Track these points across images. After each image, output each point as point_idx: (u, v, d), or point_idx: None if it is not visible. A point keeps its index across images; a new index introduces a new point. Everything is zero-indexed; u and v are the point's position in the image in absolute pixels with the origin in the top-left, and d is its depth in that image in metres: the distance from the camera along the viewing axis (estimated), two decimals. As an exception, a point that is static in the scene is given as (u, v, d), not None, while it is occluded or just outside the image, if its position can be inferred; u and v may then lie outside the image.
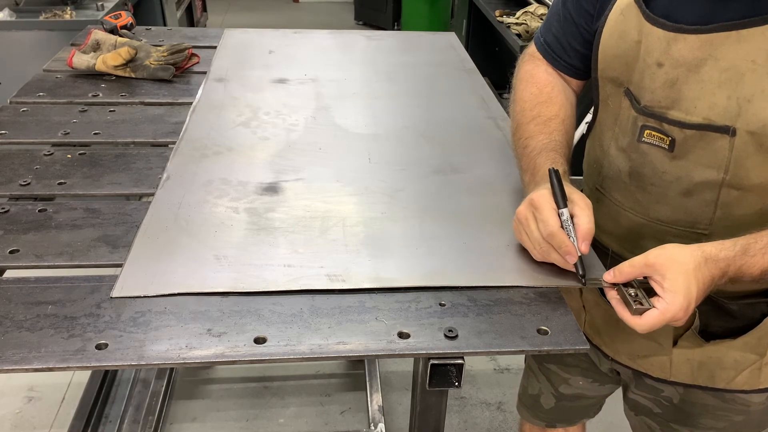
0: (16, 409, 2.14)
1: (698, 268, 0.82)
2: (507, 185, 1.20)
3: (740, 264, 0.84)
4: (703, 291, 0.83)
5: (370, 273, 0.95)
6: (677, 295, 0.81)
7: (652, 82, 0.94)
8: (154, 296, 0.89)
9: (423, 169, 1.26)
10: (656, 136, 0.95)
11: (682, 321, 0.83)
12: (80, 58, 1.63)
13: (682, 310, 0.81)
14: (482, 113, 1.51)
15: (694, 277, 0.82)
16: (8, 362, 0.78)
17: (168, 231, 1.03)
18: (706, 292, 0.84)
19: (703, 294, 0.83)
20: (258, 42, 1.95)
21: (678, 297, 0.81)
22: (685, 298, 0.81)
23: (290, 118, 1.46)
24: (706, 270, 0.83)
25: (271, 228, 1.05)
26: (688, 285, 0.81)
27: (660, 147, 0.95)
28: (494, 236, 1.04)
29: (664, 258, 0.83)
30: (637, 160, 1.00)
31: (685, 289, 0.81)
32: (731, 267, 0.84)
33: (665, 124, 0.94)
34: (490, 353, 0.85)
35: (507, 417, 2.19)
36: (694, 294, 0.81)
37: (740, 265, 0.84)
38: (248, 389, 2.25)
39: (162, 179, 1.18)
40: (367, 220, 1.09)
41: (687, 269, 0.82)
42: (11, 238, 1.01)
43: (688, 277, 0.81)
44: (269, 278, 0.93)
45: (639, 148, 0.99)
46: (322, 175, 1.23)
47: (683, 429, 1.16)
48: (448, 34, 2.09)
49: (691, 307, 0.82)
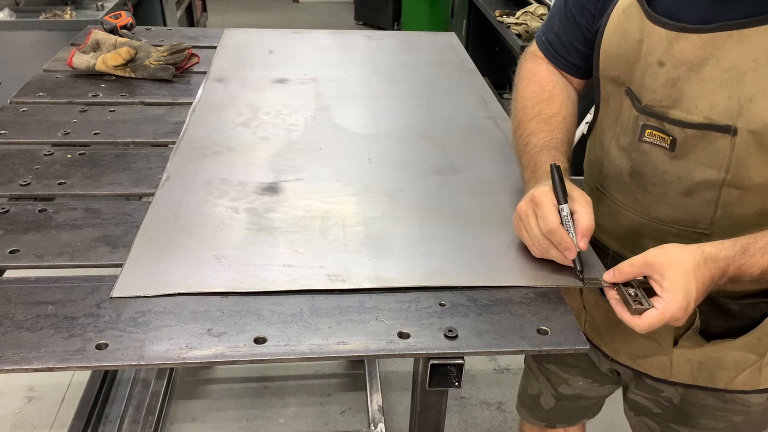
0: (16, 409, 2.14)
1: (698, 268, 0.82)
2: (507, 185, 1.20)
3: (740, 264, 0.84)
4: (703, 291, 0.83)
5: (370, 273, 0.95)
6: (676, 295, 0.81)
7: (653, 81, 0.94)
8: (154, 296, 0.89)
9: (423, 169, 1.26)
10: (657, 135, 0.95)
11: (681, 321, 0.83)
12: (80, 58, 1.63)
13: (682, 310, 0.81)
14: (482, 113, 1.51)
15: (693, 276, 0.82)
16: (8, 362, 0.78)
17: (168, 231, 1.03)
18: (705, 291, 0.84)
19: (702, 294, 0.83)
20: (258, 42, 1.95)
21: (677, 297, 0.81)
22: (685, 298, 0.81)
23: (290, 118, 1.46)
24: (705, 270, 0.83)
25: (271, 228, 1.05)
26: (687, 285, 0.81)
27: (661, 146, 0.95)
28: (494, 236, 1.04)
29: (663, 257, 0.83)
30: (637, 160, 1.00)
31: (684, 288, 0.81)
32: (731, 267, 0.84)
33: (666, 123, 0.94)
34: (490, 353, 0.85)
35: (507, 417, 2.19)
36: (694, 294, 0.81)
37: (740, 264, 0.84)
38: (248, 389, 2.25)
39: (162, 179, 1.18)
40: (367, 220, 1.09)
41: (686, 269, 0.82)
42: (11, 238, 1.01)
43: (687, 276, 0.81)
44: (269, 278, 0.93)
45: (640, 147, 0.99)
46: (322, 175, 1.23)
47: (683, 429, 1.16)
48: (448, 34, 2.09)
49: (691, 306, 0.82)
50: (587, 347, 0.84)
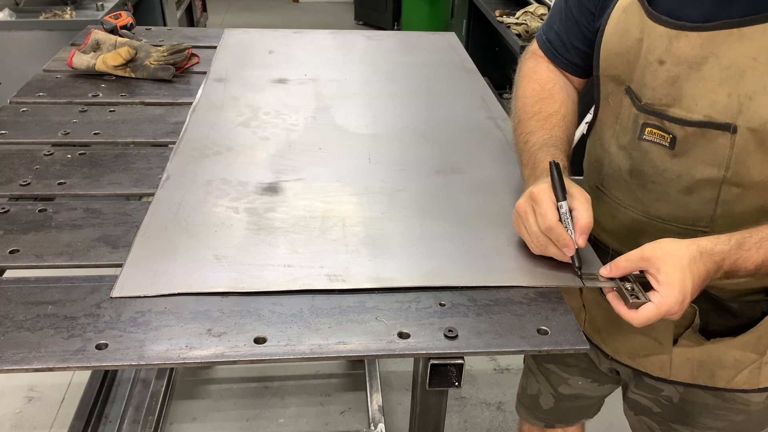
0: (16, 409, 2.14)
1: (693, 262, 0.82)
2: (508, 185, 1.20)
3: (735, 258, 0.84)
4: (699, 285, 0.83)
5: (370, 273, 0.95)
6: (672, 289, 0.81)
7: (653, 79, 0.94)
8: (154, 296, 0.89)
9: (423, 169, 1.26)
10: (657, 134, 0.95)
11: (677, 315, 0.83)
12: (80, 58, 1.63)
13: (678, 304, 0.81)
14: (482, 113, 1.51)
15: (689, 270, 0.82)
16: (8, 362, 0.78)
17: (168, 231, 1.03)
18: (701, 286, 0.84)
19: (698, 288, 0.83)
20: (258, 42, 1.95)
21: (673, 290, 0.81)
22: (680, 292, 0.81)
23: (290, 118, 1.46)
24: (701, 264, 0.83)
25: (271, 228, 1.05)
26: (683, 278, 0.81)
27: (661, 145, 0.95)
28: (495, 236, 1.04)
29: (659, 252, 0.83)
30: (637, 158, 1.00)
31: (680, 282, 0.81)
32: (726, 261, 0.84)
33: (666, 121, 0.94)
34: (490, 353, 0.85)
35: (507, 417, 2.19)
36: (689, 287, 0.82)
37: (735, 259, 0.84)
38: (248, 389, 2.25)
39: (162, 179, 1.18)
40: (367, 220, 1.09)
41: (682, 263, 0.82)
42: (11, 238, 1.01)
43: (683, 270, 0.82)
44: (269, 278, 0.93)
45: (640, 146, 0.99)
46: (322, 175, 1.23)
47: (683, 428, 1.16)
48: (448, 34, 2.09)
49: (687, 300, 0.82)
50: (587, 347, 0.84)
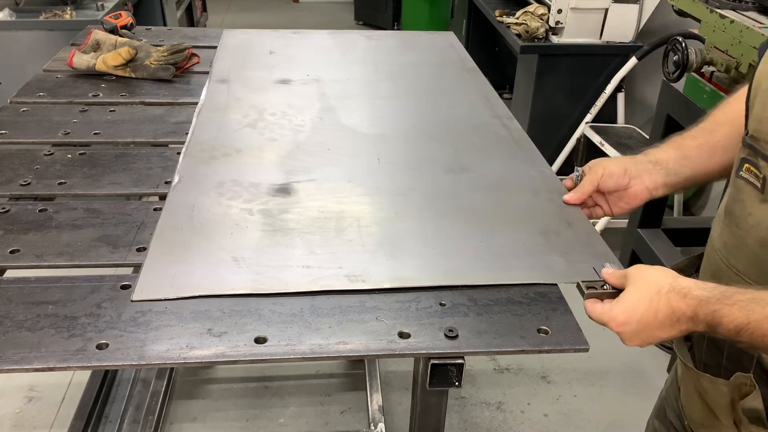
0: (16, 409, 2.14)
1: (659, 294, 0.80)
2: (518, 183, 1.21)
3: (714, 308, 0.76)
4: (658, 320, 0.79)
5: (389, 273, 0.95)
6: (621, 306, 0.81)
7: (762, 109, 0.84)
8: (175, 299, 0.89)
9: (433, 169, 1.26)
10: (752, 171, 0.86)
11: (625, 338, 0.82)
12: (80, 58, 1.63)
13: (617, 323, 0.81)
14: (487, 112, 1.52)
15: (648, 299, 0.80)
16: (8, 362, 0.78)
17: (183, 233, 1.03)
18: (663, 323, 0.80)
19: (657, 324, 0.79)
20: (258, 42, 1.95)
21: (620, 307, 0.81)
22: (625, 313, 0.81)
23: (296, 118, 1.46)
24: (665, 299, 0.79)
25: (287, 229, 1.05)
26: (636, 303, 0.80)
27: (753, 185, 0.86)
28: (509, 235, 1.05)
29: (638, 273, 0.84)
30: (732, 196, 0.91)
31: (631, 304, 0.80)
32: (703, 309, 0.77)
33: (761, 159, 0.84)
34: (490, 353, 0.85)
35: (507, 417, 2.19)
36: (638, 315, 0.80)
37: (714, 309, 0.76)
38: (248, 389, 2.25)
39: (173, 182, 1.18)
40: (381, 220, 1.09)
41: (648, 290, 0.80)
42: (11, 238, 1.01)
43: (641, 297, 0.80)
44: (289, 279, 0.93)
45: (736, 182, 0.90)
46: (333, 175, 1.23)
47: None
48: (447, 34, 2.10)
49: (631, 327, 0.80)
50: (587, 347, 0.84)
